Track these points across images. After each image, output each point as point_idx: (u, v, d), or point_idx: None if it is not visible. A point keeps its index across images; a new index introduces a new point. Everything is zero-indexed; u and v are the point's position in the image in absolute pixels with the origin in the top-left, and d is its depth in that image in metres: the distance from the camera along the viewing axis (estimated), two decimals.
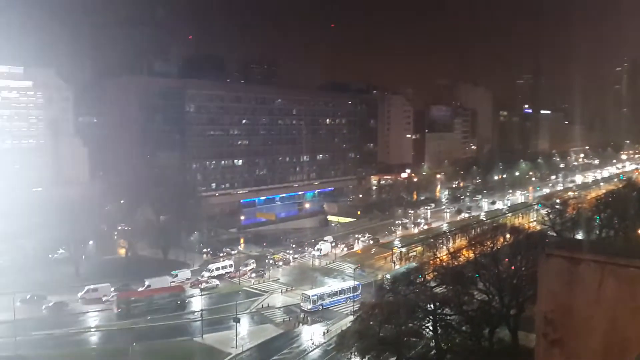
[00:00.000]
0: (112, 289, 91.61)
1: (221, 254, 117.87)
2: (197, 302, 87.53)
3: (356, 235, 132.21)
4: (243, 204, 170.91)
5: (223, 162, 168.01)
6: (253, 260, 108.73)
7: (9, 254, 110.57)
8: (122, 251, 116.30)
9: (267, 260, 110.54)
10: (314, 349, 71.82)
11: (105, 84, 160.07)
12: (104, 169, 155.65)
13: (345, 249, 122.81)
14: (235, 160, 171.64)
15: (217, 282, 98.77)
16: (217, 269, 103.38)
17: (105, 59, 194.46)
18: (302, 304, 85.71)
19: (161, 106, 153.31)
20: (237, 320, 74.18)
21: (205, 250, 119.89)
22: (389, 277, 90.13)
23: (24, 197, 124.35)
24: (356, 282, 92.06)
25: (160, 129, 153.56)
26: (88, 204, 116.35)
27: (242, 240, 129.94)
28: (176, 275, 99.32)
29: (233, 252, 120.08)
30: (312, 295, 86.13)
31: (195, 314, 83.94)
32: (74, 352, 70.89)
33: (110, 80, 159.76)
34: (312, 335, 75.94)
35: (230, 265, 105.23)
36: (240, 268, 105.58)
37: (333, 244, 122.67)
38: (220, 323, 78.99)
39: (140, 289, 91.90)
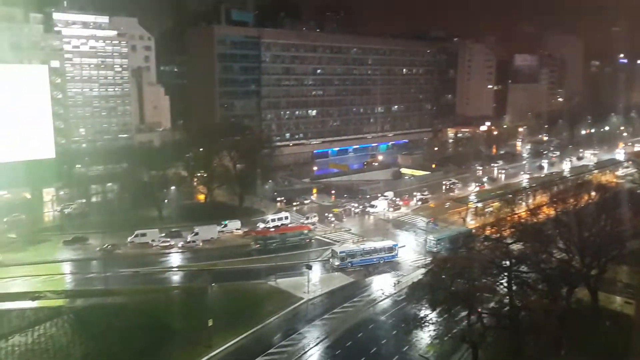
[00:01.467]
0: (162, 235, 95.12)
1: (294, 203, 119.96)
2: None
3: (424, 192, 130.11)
4: (316, 154, 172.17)
5: (297, 112, 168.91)
6: (315, 214, 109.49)
7: (101, 196, 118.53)
8: (201, 197, 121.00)
9: (325, 215, 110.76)
10: (384, 298, 72.42)
11: (185, 33, 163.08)
12: (184, 117, 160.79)
13: (403, 204, 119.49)
14: (309, 111, 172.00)
15: None
16: (273, 220, 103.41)
17: (184, 8, 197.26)
18: (331, 260, 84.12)
19: (238, 55, 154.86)
20: (309, 267, 75.92)
21: (279, 199, 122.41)
22: (433, 239, 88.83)
23: (112, 142, 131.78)
24: (393, 243, 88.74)
25: (236, 79, 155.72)
26: (169, 151, 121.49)
27: (314, 191, 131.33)
28: (225, 225, 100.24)
29: (306, 202, 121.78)
30: (341, 252, 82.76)
31: (270, 259, 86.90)
32: (158, 289, 75.58)
33: (189, 30, 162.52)
34: (383, 286, 76.49)
35: (286, 217, 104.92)
36: (301, 221, 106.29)
37: (395, 199, 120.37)
38: (293, 269, 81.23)
39: (189, 236, 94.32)
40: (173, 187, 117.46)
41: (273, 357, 57.02)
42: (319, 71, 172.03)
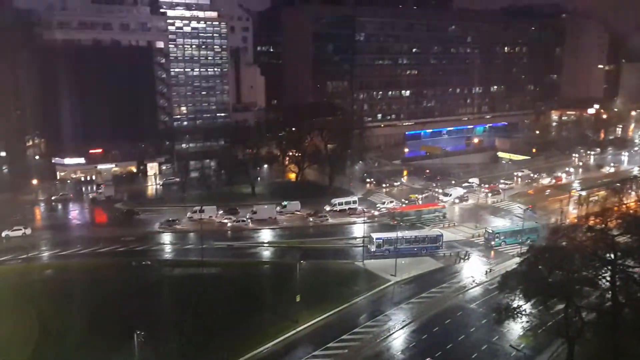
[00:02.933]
0: (220, 212, 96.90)
1: (384, 185, 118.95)
2: (359, 229, 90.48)
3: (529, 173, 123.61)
4: (408, 136, 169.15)
5: (390, 92, 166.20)
6: (392, 200, 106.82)
7: (199, 171, 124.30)
8: (292, 175, 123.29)
9: (402, 200, 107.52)
10: (475, 286, 70.19)
11: (281, 13, 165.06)
12: (278, 97, 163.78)
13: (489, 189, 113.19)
14: (403, 91, 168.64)
15: (328, 217, 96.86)
16: (340, 204, 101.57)
17: None
18: (368, 245, 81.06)
19: (332, 35, 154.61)
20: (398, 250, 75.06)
21: (368, 180, 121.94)
22: (491, 232, 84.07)
23: (210, 121, 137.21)
24: (437, 233, 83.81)
25: (330, 59, 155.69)
26: (263, 130, 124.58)
27: (405, 173, 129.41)
28: (285, 206, 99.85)
29: (396, 184, 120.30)
30: (377, 238, 79.79)
31: (357, 240, 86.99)
32: (250, 263, 78.32)
33: (285, 10, 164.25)
34: (473, 273, 74.13)
35: (354, 202, 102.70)
36: (377, 206, 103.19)
37: (481, 186, 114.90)
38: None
39: (247, 215, 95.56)
40: (266, 165, 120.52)
41: (358, 336, 57.26)
42: (414, 50, 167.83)
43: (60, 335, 56.78)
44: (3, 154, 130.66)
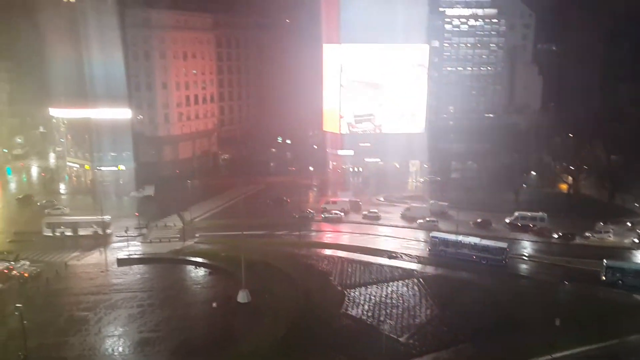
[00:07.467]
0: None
1: None
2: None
3: None
4: None
5: None
6: (612, 227, 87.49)
7: (460, 173, 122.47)
8: (564, 186, 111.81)
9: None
10: None
11: (567, 9, 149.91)
12: (556, 99, 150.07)
13: None
14: None
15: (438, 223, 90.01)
16: (523, 217, 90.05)
17: None
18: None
19: (632, 32, 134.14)
20: None
21: None
22: (605, 264, 67.06)
23: (477, 122, 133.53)
24: (502, 245, 74.45)
25: (625, 59, 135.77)
26: (535, 134, 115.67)
27: None
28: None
29: None
30: (433, 237, 77.51)
31: None
32: (504, 272, 72.79)
33: (568, 5, 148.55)
34: None
35: (542, 219, 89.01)
36: (597, 230, 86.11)
37: None
38: None
39: (402, 211, 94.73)
40: (534, 172, 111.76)
41: None
42: None
43: None
44: (289, 141, 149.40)
